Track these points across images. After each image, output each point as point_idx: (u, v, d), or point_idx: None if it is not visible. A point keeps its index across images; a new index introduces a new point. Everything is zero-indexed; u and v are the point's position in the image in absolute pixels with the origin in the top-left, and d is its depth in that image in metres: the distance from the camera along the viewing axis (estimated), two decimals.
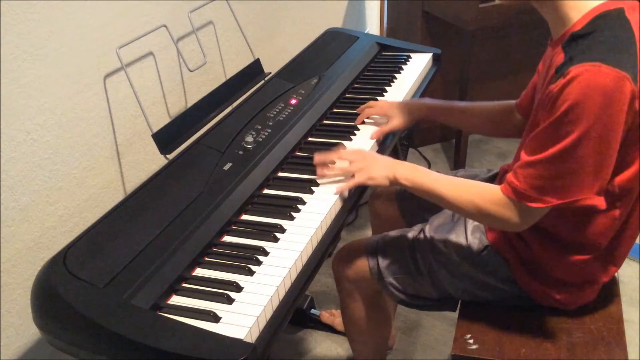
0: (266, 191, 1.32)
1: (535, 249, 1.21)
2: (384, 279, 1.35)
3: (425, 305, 1.38)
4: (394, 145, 1.60)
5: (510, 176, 1.08)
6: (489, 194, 1.12)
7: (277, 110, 1.54)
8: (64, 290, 0.99)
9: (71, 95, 1.31)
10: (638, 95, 0.99)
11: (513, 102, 1.45)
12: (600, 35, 1.00)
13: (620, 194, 1.11)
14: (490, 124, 1.50)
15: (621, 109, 0.97)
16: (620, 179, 1.09)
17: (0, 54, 1.14)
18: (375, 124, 1.55)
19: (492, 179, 1.50)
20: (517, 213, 1.09)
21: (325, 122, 1.60)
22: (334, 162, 1.32)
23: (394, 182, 1.24)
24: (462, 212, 1.19)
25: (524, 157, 1.07)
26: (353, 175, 1.27)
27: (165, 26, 1.49)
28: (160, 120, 1.57)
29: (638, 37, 1.01)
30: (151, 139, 1.34)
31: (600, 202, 1.04)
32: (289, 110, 1.54)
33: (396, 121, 1.51)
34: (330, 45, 1.92)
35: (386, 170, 1.24)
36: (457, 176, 1.58)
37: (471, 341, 1.24)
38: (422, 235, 1.36)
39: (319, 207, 1.25)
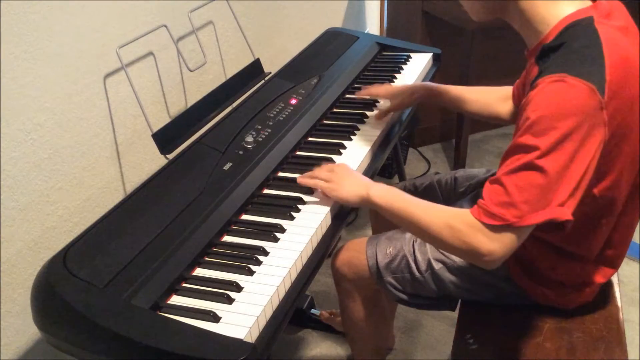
0: (266, 191, 1.32)
1: (531, 251, 1.21)
2: (383, 278, 1.35)
3: (424, 304, 1.38)
4: (393, 145, 1.60)
5: (479, 199, 1.04)
6: (461, 215, 1.04)
7: (277, 110, 1.54)
8: (64, 290, 0.99)
9: (71, 95, 1.31)
10: (605, 106, 0.96)
11: (511, 87, 1.47)
12: (569, 47, 0.99)
13: (602, 203, 1.10)
14: (488, 108, 1.51)
15: (586, 120, 0.94)
16: (599, 189, 1.08)
17: (0, 54, 1.14)
18: (376, 123, 1.56)
19: None
20: (486, 236, 1.00)
21: (325, 122, 1.60)
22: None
23: (367, 200, 1.19)
24: (434, 237, 1.09)
25: (493, 176, 1.03)
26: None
27: (165, 26, 1.49)
28: (160, 120, 1.58)
29: (607, 47, 0.98)
30: (151, 139, 1.34)
31: (561, 214, 0.97)
32: (289, 110, 1.54)
33: (397, 101, 1.55)
34: (330, 45, 1.92)
35: (359, 188, 1.20)
36: (457, 176, 1.59)
37: (471, 341, 1.24)
38: None
39: (319, 207, 1.25)
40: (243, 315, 0.99)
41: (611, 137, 1.01)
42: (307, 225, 1.20)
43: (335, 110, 1.66)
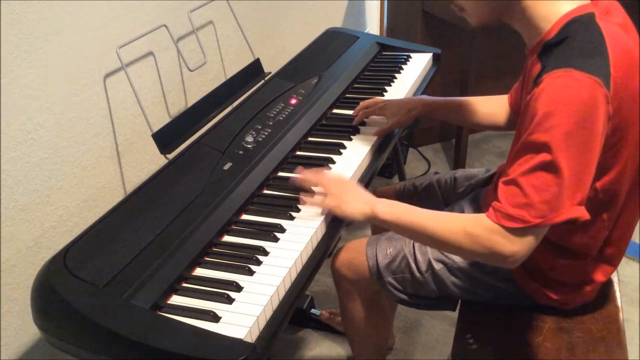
0: (266, 191, 1.32)
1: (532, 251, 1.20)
2: (383, 279, 1.35)
3: (424, 304, 1.38)
4: (393, 145, 1.60)
5: (494, 202, 1.04)
6: (477, 219, 1.04)
7: (277, 110, 1.54)
8: (64, 290, 1.00)
9: (71, 95, 1.31)
10: (611, 99, 0.97)
11: (505, 96, 1.46)
12: (572, 42, 0.99)
13: (604, 198, 1.10)
14: (486, 119, 1.50)
15: (595, 113, 0.95)
16: (602, 183, 1.08)
17: (0, 54, 1.14)
18: (375, 122, 1.55)
19: (490, 179, 1.50)
20: (507, 239, 1.01)
21: (325, 122, 1.60)
22: (311, 189, 1.27)
23: (372, 218, 1.17)
24: (453, 246, 1.08)
25: (505, 177, 1.03)
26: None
27: (165, 26, 1.49)
28: (160, 120, 1.57)
29: (609, 41, 0.99)
30: (151, 139, 1.34)
31: (582, 213, 0.98)
32: (289, 110, 1.54)
33: (395, 120, 1.51)
34: (330, 45, 1.92)
35: (364, 205, 1.17)
36: (456, 176, 1.59)
37: (471, 341, 1.24)
38: None
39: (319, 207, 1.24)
40: (243, 315, 0.99)
41: (615, 131, 1.02)
42: (307, 225, 1.20)
43: (335, 110, 1.66)
